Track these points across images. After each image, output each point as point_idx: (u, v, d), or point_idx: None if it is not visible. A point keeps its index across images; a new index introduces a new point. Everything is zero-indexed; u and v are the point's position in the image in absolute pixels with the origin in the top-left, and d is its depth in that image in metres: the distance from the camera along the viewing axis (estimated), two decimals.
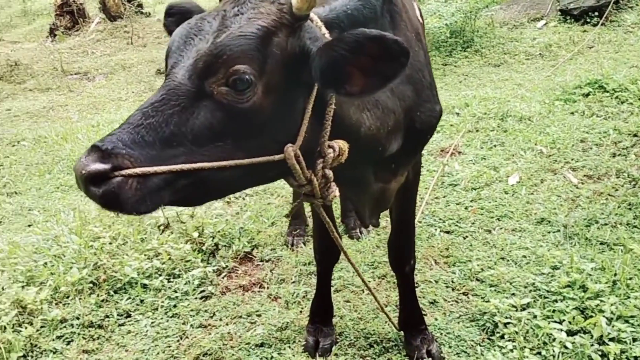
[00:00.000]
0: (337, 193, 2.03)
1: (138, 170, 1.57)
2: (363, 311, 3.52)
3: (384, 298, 3.62)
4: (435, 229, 4.32)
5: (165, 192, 1.64)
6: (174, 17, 2.04)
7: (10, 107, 9.35)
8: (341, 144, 1.93)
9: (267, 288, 3.86)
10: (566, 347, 2.97)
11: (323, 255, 3.22)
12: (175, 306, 3.70)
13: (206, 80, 1.67)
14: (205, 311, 3.65)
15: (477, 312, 3.38)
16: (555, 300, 3.32)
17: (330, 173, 1.96)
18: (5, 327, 3.41)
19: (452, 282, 3.71)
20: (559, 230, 4.09)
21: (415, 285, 3.30)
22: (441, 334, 3.28)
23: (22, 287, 3.78)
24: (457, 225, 4.33)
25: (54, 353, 3.38)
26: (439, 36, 8.97)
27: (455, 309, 3.46)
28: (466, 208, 4.56)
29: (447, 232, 4.28)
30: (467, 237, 4.18)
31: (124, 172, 1.56)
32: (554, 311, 3.23)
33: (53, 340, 3.46)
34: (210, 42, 1.69)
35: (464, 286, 3.64)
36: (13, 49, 13.23)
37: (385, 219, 3.87)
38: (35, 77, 10.82)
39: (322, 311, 3.33)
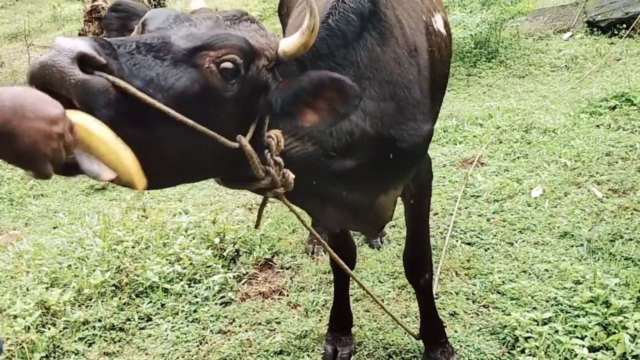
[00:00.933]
0: (293, 175, 2.03)
1: (123, 83, 1.52)
2: (382, 321, 3.51)
3: (404, 308, 3.61)
4: (457, 241, 4.29)
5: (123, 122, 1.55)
6: (119, 13, 2.02)
7: None
8: (276, 133, 1.95)
9: (287, 295, 3.87)
10: None
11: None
12: (195, 311, 3.74)
13: (202, 51, 1.69)
14: (225, 317, 3.68)
15: (497, 326, 3.35)
16: (578, 316, 3.27)
17: (279, 159, 1.96)
18: (29, 327, 3.47)
19: (473, 294, 3.68)
20: (582, 245, 4.04)
21: (435, 296, 3.29)
22: (461, 346, 3.25)
23: (47, 288, 3.85)
24: (478, 237, 4.30)
25: (76, 354, 3.43)
26: (464, 47, 8.91)
27: (475, 322, 3.44)
28: (488, 220, 4.52)
29: (469, 244, 4.25)
30: (488, 249, 4.15)
31: (111, 78, 1.50)
32: (576, 326, 3.18)
33: (75, 341, 3.51)
34: (213, 28, 1.76)
35: (484, 299, 3.62)
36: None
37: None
38: None
39: (341, 320, 3.34)
